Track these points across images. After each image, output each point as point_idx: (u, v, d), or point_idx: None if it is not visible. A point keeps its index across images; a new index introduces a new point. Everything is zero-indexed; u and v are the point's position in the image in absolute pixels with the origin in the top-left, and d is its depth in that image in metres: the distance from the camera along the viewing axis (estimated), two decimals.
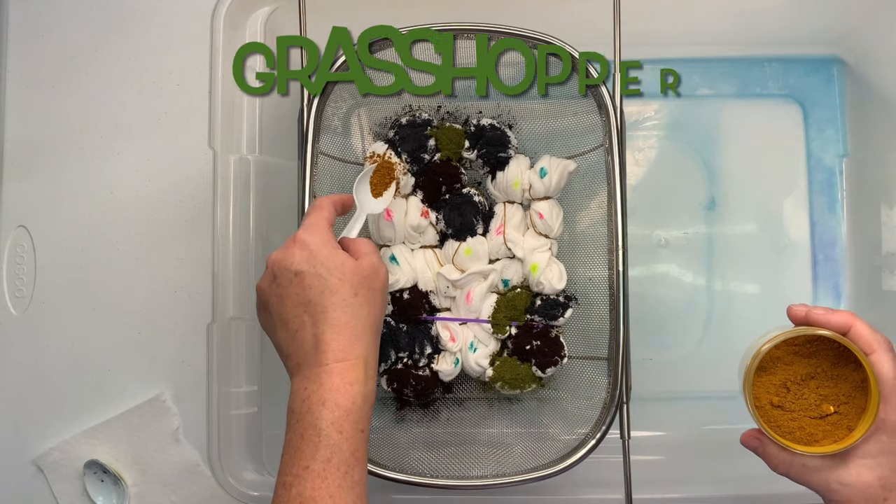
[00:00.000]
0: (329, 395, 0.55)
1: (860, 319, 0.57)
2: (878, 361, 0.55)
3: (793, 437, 0.58)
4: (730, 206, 0.82)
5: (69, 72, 0.80)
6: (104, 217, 0.79)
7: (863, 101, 0.81)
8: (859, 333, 0.56)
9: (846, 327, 0.57)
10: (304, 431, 0.54)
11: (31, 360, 0.78)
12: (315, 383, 0.55)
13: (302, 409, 0.55)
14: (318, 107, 0.69)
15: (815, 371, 0.58)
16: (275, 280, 0.58)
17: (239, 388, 0.75)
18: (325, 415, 0.54)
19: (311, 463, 0.53)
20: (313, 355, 0.56)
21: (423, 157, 0.73)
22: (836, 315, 0.57)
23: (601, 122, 0.70)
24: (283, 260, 0.58)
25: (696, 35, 0.82)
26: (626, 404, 0.67)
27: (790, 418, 0.58)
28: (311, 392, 0.55)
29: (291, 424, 0.55)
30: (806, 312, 0.59)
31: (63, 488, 0.77)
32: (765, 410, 0.59)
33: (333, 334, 0.56)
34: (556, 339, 0.72)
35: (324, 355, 0.56)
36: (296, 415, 0.55)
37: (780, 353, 0.59)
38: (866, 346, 0.56)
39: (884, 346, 0.56)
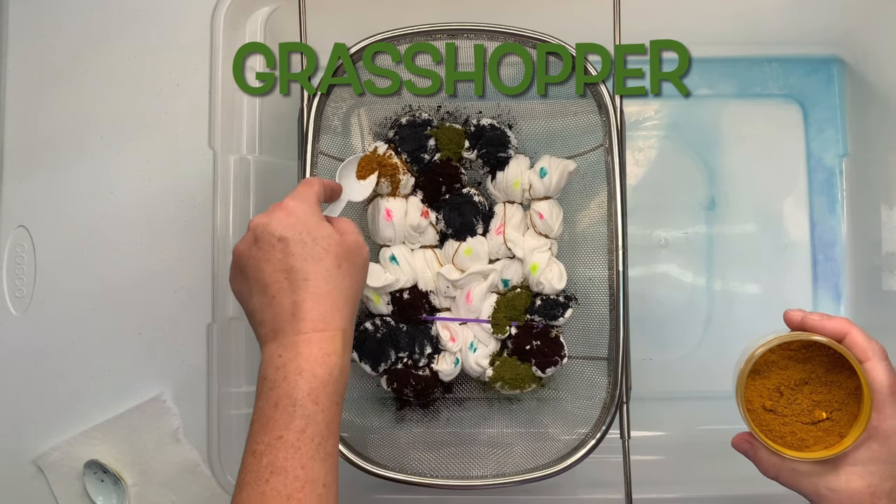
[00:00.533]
0: (306, 365, 0.53)
1: (856, 327, 0.57)
2: (872, 369, 0.55)
3: (784, 441, 0.58)
4: (730, 206, 0.82)
5: (69, 72, 0.80)
6: (104, 217, 0.79)
7: (863, 101, 0.81)
8: (854, 341, 0.56)
9: (842, 334, 0.57)
10: (278, 400, 0.53)
11: (31, 360, 0.78)
12: (292, 351, 0.54)
13: (277, 377, 0.53)
14: (318, 107, 0.69)
15: (810, 376, 0.58)
16: (256, 243, 0.57)
17: (239, 388, 0.75)
18: (302, 384, 0.53)
19: (285, 433, 0.52)
20: (291, 323, 0.55)
21: (423, 157, 0.73)
22: (832, 321, 0.57)
23: (601, 122, 0.70)
24: (267, 224, 0.57)
25: (696, 35, 0.82)
26: (626, 404, 0.67)
27: (782, 423, 0.58)
28: (288, 360, 0.54)
29: (263, 392, 0.54)
30: (802, 317, 0.59)
31: (63, 488, 0.77)
32: (757, 414, 0.59)
33: (314, 303, 0.55)
34: (556, 339, 0.72)
35: (303, 323, 0.55)
36: (269, 382, 0.54)
37: (775, 357, 0.59)
38: (861, 354, 0.56)
39: (879, 354, 0.56)
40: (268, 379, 0.54)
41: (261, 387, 0.54)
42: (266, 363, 0.55)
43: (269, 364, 0.54)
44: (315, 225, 0.57)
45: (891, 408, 0.55)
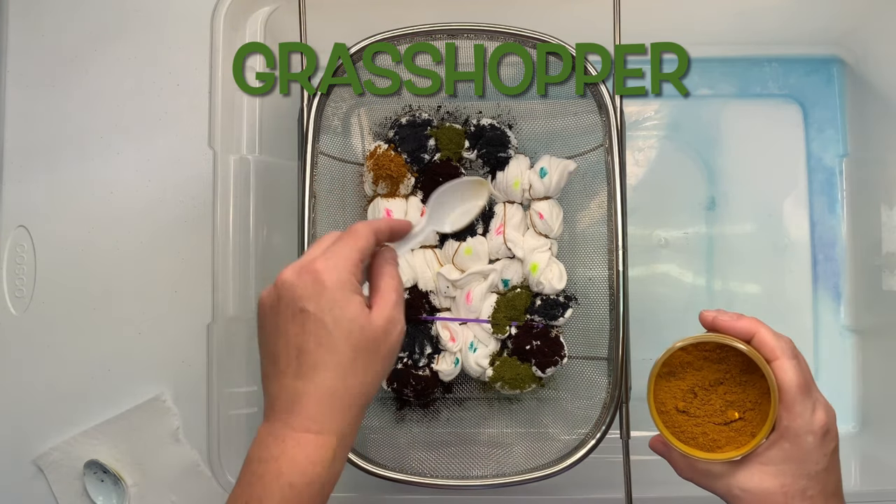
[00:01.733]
0: (286, 470, 0.49)
1: (765, 326, 0.57)
2: (780, 368, 0.55)
3: (696, 442, 0.58)
4: (730, 206, 0.82)
5: (69, 72, 0.80)
6: (104, 217, 0.79)
7: (863, 101, 0.81)
8: (763, 340, 0.56)
9: (750, 333, 0.57)
10: (248, 501, 0.49)
11: (31, 360, 0.78)
12: (279, 447, 0.49)
13: (257, 471, 0.49)
14: (318, 107, 0.69)
15: (724, 377, 0.58)
16: (278, 304, 0.51)
17: (239, 388, 0.75)
18: (275, 493, 0.48)
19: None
20: (287, 412, 0.50)
21: (423, 157, 0.73)
22: (741, 321, 0.57)
23: (601, 122, 0.70)
24: (292, 287, 0.51)
25: (696, 35, 0.82)
26: (626, 404, 0.67)
27: (695, 423, 0.58)
28: (272, 458, 0.49)
29: (242, 479, 0.50)
30: (713, 318, 0.58)
31: (63, 488, 0.77)
32: (670, 416, 0.58)
33: (316, 399, 0.50)
34: (556, 339, 0.72)
35: (297, 418, 0.49)
36: (249, 472, 0.50)
37: (690, 357, 0.58)
38: (769, 353, 0.56)
39: (787, 353, 0.56)
40: (250, 467, 0.50)
41: (242, 471, 0.51)
42: (255, 446, 0.51)
43: (257, 450, 0.51)
44: (342, 302, 0.50)
45: (800, 406, 0.54)
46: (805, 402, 0.54)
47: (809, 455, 0.54)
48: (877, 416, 0.80)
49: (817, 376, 0.81)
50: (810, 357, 0.81)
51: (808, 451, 0.54)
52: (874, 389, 0.80)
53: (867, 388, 0.81)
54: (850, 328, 0.82)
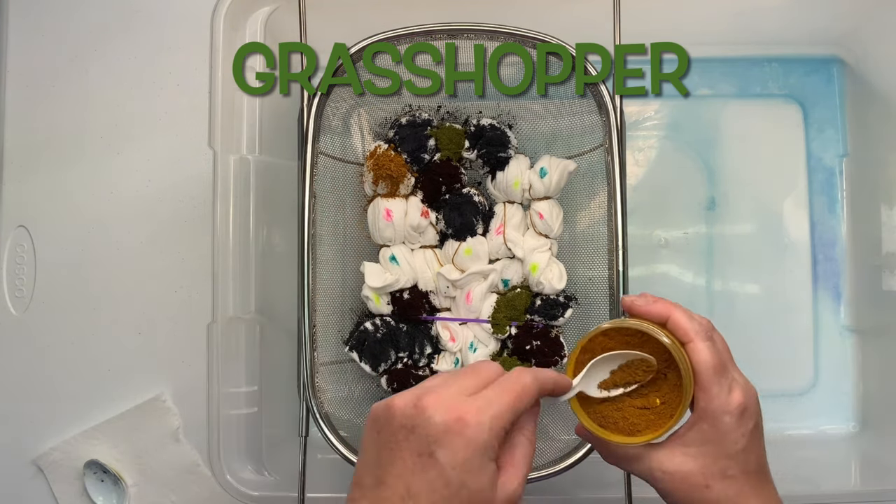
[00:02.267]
0: None
1: (679, 308, 0.56)
2: (694, 351, 0.54)
3: (616, 427, 0.57)
4: (730, 206, 0.82)
5: (69, 72, 0.80)
6: (104, 217, 0.79)
7: (863, 101, 0.81)
8: (677, 322, 0.56)
9: (664, 316, 0.56)
10: None
11: (31, 360, 0.78)
12: None
13: None
14: (318, 107, 0.69)
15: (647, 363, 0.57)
16: (412, 431, 0.46)
17: (239, 388, 0.75)
18: None
19: None
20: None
21: (423, 157, 0.73)
22: (656, 305, 0.57)
23: (601, 122, 0.70)
24: (432, 423, 0.46)
25: (696, 35, 0.82)
26: None
27: (615, 408, 0.57)
28: None
29: None
30: (630, 302, 0.58)
31: (63, 488, 0.77)
32: (591, 402, 0.57)
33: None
34: (556, 339, 0.72)
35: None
36: None
37: (612, 343, 0.57)
38: (683, 336, 0.55)
39: (701, 334, 0.55)
40: None
41: None
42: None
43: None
44: (476, 468, 0.46)
45: (716, 388, 0.54)
46: (721, 382, 0.54)
47: (727, 435, 0.54)
48: (877, 416, 0.80)
49: (817, 376, 0.81)
50: (810, 357, 0.81)
51: (726, 432, 0.54)
52: (874, 389, 0.80)
53: (867, 388, 0.81)
54: (850, 328, 0.82)
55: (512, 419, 0.48)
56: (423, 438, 0.46)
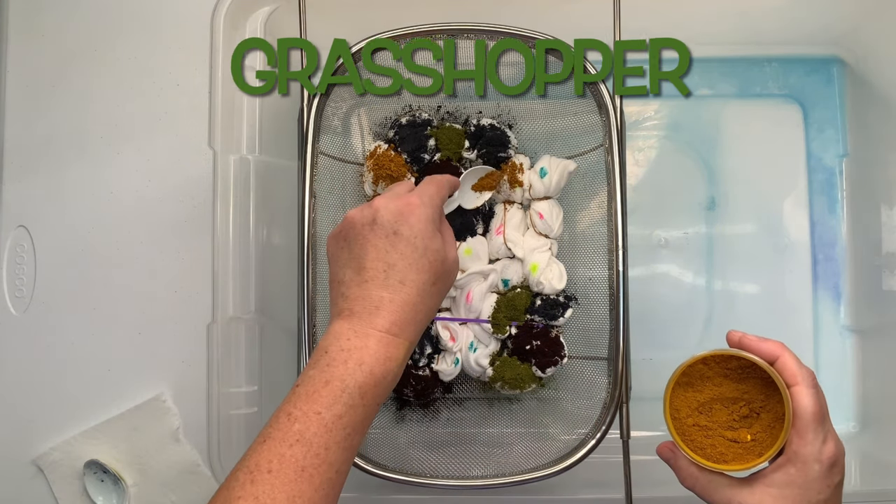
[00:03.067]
0: (369, 360, 0.54)
1: (789, 351, 0.58)
2: (798, 394, 0.56)
3: (704, 453, 0.59)
4: (730, 206, 0.82)
5: (69, 72, 0.80)
6: (104, 217, 0.79)
7: (863, 101, 0.81)
8: (786, 364, 0.57)
9: (774, 356, 0.58)
10: (330, 379, 0.53)
11: (31, 360, 0.78)
12: (361, 341, 0.55)
13: (338, 357, 0.54)
14: (318, 107, 0.69)
15: (742, 396, 0.59)
16: (373, 224, 0.58)
17: (239, 388, 0.75)
18: (358, 376, 0.54)
19: (325, 412, 0.53)
20: (371, 314, 0.56)
21: (424, 157, 0.73)
22: (767, 343, 0.59)
23: (601, 122, 0.70)
24: (393, 212, 0.57)
25: (696, 35, 0.82)
26: (626, 404, 0.67)
27: (705, 435, 0.59)
28: (354, 348, 0.54)
29: (320, 364, 0.54)
30: (740, 337, 0.60)
31: (63, 488, 0.77)
32: (682, 423, 0.60)
33: (399, 308, 0.56)
34: (556, 339, 0.72)
35: (381, 321, 0.55)
36: (328, 357, 0.54)
37: (710, 372, 0.60)
38: (790, 378, 0.57)
39: (807, 380, 0.57)
40: (328, 353, 0.55)
41: (318, 357, 0.55)
42: (332, 337, 0.56)
43: (336, 340, 0.55)
44: (430, 235, 0.58)
45: (812, 434, 0.56)
46: (817, 431, 0.56)
47: (813, 483, 0.55)
48: (877, 416, 0.80)
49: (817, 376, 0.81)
50: (810, 357, 0.81)
51: (813, 480, 0.55)
52: (874, 389, 0.80)
53: (867, 388, 0.81)
54: (850, 328, 0.82)
55: (440, 203, 0.61)
56: (386, 224, 0.58)
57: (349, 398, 0.53)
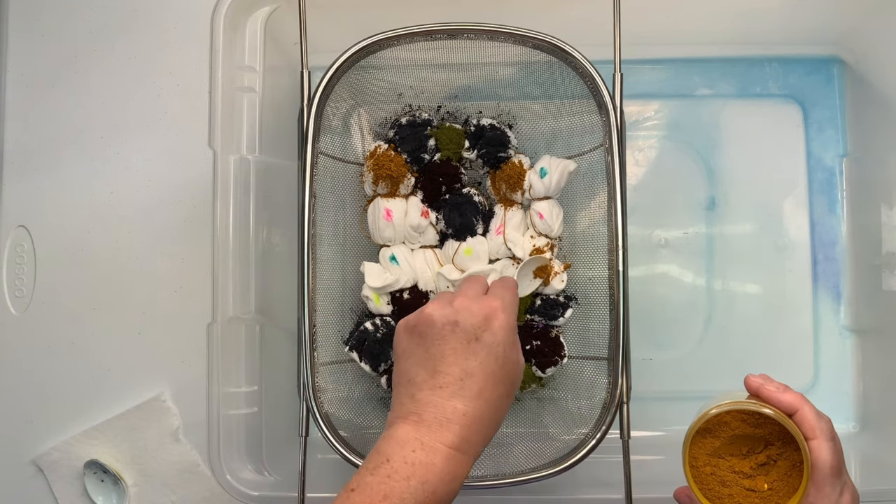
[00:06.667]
0: (433, 479, 0.52)
1: (809, 403, 0.58)
2: (817, 448, 0.56)
3: (721, 502, 0.59)
4: (730, 206, 0.82)
5: (69, 72, 0.80)
6: (104, 217, 0.79)
7: (863, 101, 0.81)
8: (804, 417, 0.57)
9: (793, 409, 0.58)
10: (389, 494, 0.50)
11: (31, 360, 0.78)
12: (427, 456, 0.52)
13: (400, 471, 0.51)
14: (318, 107, 0.69)
15: (758, 444, 0.59)
16: (455, 326, 0.55)
17: (239, 388, 0.75)
18: (419, 496, 0.51)
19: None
20: (441, 426, 0.53)
21: (423, 157, 0.73)
22: (786, 395, 0.58)
23: (601, 122, 0.70)
24: (477, 317, 0.55)
25: (696, 35, 0.82)
26: (626, 404, 0.67)
27: (722, 483, 0.59)
28: (419, 463, 0.52)
29: (378, 471, 0.51)
30: (759, 385, 0.59)
31: (63, 488, 0.78)
32: (700, 471, 0.59)
33: (471, 422, 0.53)
34: (556, 339, 0.72)
35: (452, 436, 0.53)
36: (389, 467, 0.51)
37: (728, 418, 0.59)
38: (809, 431, 0.57)
39: (826, 434, 0.57)
40: (390, 463, 0.52)
41: (378, 462, 0.52)
42: (396, 444, 0.53)
43: (400, 449, 0.52)
44: (511, 343, 0.56)
45: (829, 487, 0.56)
46: (835, 484, 0.56)
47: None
48: (877, 416, 0.80)
49: (817, 376, 0.81)
50: (810, 357, 0.81)
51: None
52: (874, 389, 0.80)
53: (867, 388, 0.81)
54: (850, 328, 0.82)
55: (517, 306, 0.60)
56: (468, 329, 0.55)
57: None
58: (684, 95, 0.83)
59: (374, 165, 0.72)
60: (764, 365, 0.80)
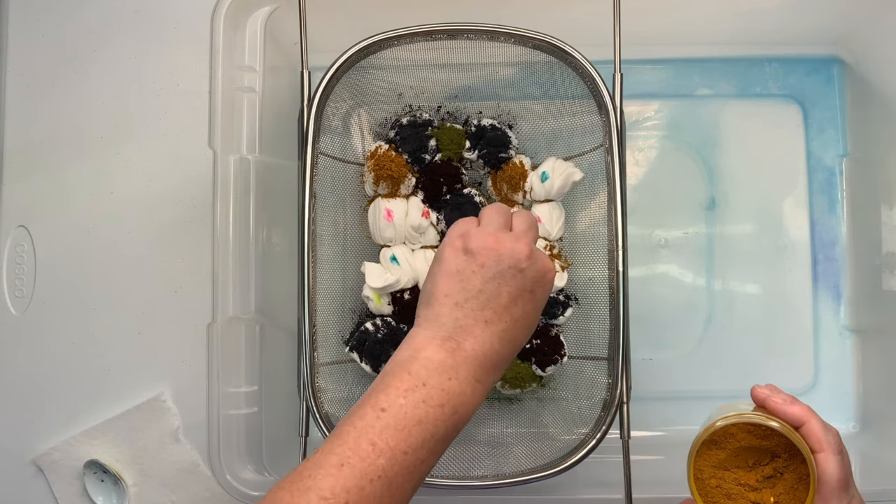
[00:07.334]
0: (462, 409, 0.53)
1: (816, 416, 0.58)
2: (823, 461, 0.56)
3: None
4: (730, 206, 0.82)
5: (69, 72, 0.80)
6: (104, 217, 0.79)
7: (863, 101, 0.81)
8: (811, 430, 0.57)
9: (800, 422, 0.57)
10: (423, 419, 0.51)
11: (31, 360, 0.78)
12: (461, 386, 0.53)
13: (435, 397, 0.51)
14: (318, 107, 0.69)
15: (765, 456, 0.58)
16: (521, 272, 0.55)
17: (239, 388, 0.75)
18: (449, 425, 0.52)
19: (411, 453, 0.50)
20: (477, 358, 0.54)
21: (424, 158, 0.73)
22: (793, 408, 0.58)
23: (601, 122, 0.70)
24: (540, 272, 0.56)
25: (696, 35, 0.82)
26: (626, 404, 0.67)
27: (727, 496, 0.58)
28: (454, 393, 0.52)
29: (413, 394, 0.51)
30: (765, 397, 0.59)
31: (63, 488, 0.77)
32: (705, 483, 0.58)
33: (503, 361, 0.55)
34: (556, 338, 0.72)
35: (483, 371, 0.54)
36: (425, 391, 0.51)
37: (735, 430, 0.58)
38: (816, 444, 0.56)
39: (833, 447, 0.56)
40: (426, 387, 0.52)
41: (412, 385, 0.52)
42: (434, 368, 0.53)
43: (437, 374, 0.52)
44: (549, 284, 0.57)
45: (836, 501, 0.55)
46: (842, 497, 0.56)
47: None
48: (877, 416, 0.80)
49: (817, 376, 0.81)
50: (810, 357, 0.81)
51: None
52: (874, 389, 0.80)
53: (867, 388, 0.81)
54: (850, 328, 0.82)
55: None
56: (529, 279, 0.55)
57: (435, 445, 0.51)
58: (684, 95, 0.83)
59: (374, 166, 0.72)
60: (764, 365, 0.81)
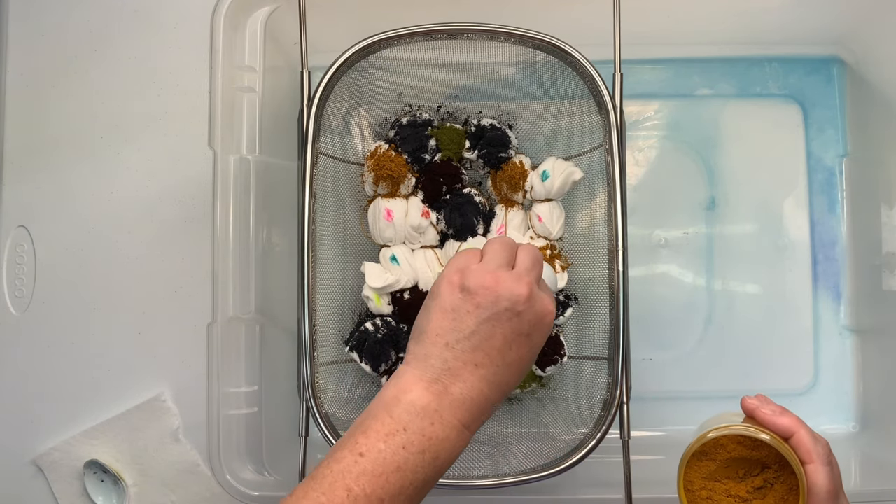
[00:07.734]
0: (444, 455, 0.52)
1: (805, 427, 0.58)
2: (813, 472, 0.56)
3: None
4: (730, 206, 0.82)
5: (69, 72, 0.80)
6: (104, 217, 0.79)
7: (863, 101, 0.81)
8: (801, 441, 0.57)
9: (789, 433, 0.57)
10: (401, 466, 0.50)
11: (31, 360, 0.78)
12: (444, 432, 0.52)
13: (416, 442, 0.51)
14: (318, 107, 0.69)
15: (755, 467, 0.59)
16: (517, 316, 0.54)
17: (239, 388, 0.75)
18: (429, 471, 0.51)
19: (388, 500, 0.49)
20: (464, 403, 0.53)
21: (424, 158, 0.73)
22: (783, 419, 0.58)
23: (601, 122, 0.70)
24: (537, 315, 0.54)
25: (696, 35, 0.82)
26: (626, 404, 0.67)
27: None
28: (436, 439, 0.51)
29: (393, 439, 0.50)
30: (755, 408, 0.59)
31: (63, 488, 0.77)
32: (695, 495, 0.59)
33: (489, 409, 0.54)
34: (556, 338, 0.72)
35: (469, 416, 0.53)
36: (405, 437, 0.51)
37: (724, 440, 0.58)
38: (805, 456, 0.56)
39: (822, 458, 0.56)
40: (407, 432, 0.51)
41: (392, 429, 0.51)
42: (416, 413, 0.52)
43: (419, 419, 0.51)
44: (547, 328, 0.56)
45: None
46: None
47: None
48: (877, 416, 0.80)
49: (817, 376, 0.81)
50: (810, 357, 0.81)
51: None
52: (874, 389, 0.80)
53: (867, 388, 0.81)
54: (850, 328, 0.82)
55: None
56: (526, 322, 0.54)
57: (414, 491, 0.50)
58: (684, 95, 0.83)
59: (374, 165, 0.72)
60: (764, 365, 0.81)
